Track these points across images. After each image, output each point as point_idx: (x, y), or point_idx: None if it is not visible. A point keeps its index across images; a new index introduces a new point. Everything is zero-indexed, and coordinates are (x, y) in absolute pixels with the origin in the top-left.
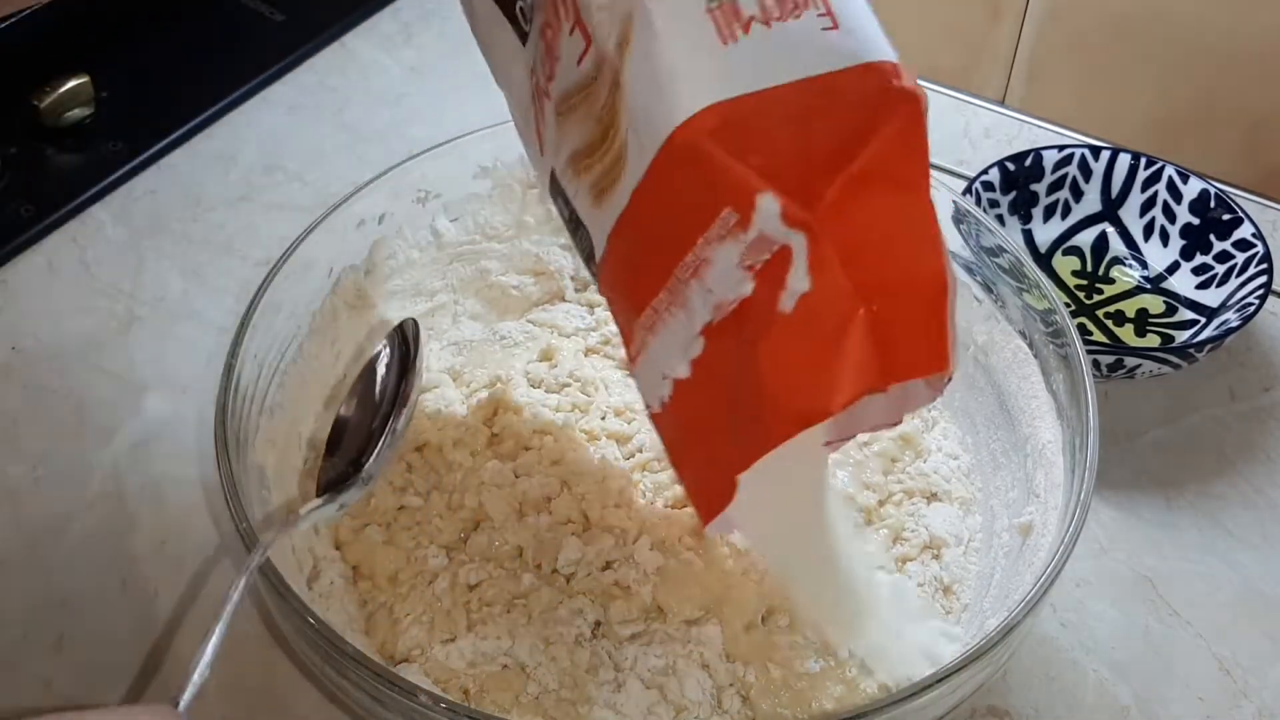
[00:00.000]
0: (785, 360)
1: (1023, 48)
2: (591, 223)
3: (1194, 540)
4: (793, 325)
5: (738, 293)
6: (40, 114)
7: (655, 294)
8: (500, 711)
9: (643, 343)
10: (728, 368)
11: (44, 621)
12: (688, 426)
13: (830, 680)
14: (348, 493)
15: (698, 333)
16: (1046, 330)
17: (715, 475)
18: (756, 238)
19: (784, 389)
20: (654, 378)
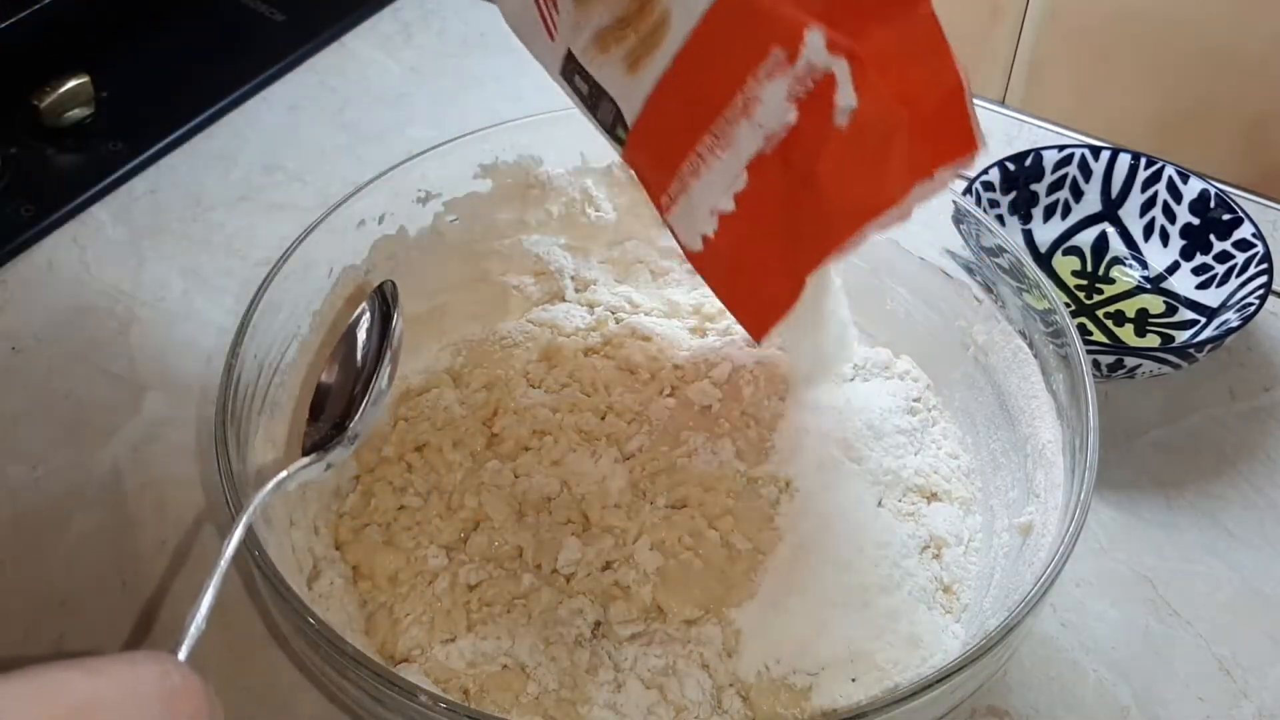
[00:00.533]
0: (845, 167)
1: (1023, 48)
2: (621, 92)
3: (1194, 540)
4: (847, 137)
5: (784, 121)
6: (40, 114)
7: (700, 138)
8: (500, 711)
9: (683, 188)
10: (776, 191)
11: (44, 621)
12: (734, 253)
13: (830, 680)
14: (334, 452)
15: (744, 167)
16: (1046, 330)
17: (775, 284)
18: (803, 68)
19: (845, 191)
20: (697, 217)
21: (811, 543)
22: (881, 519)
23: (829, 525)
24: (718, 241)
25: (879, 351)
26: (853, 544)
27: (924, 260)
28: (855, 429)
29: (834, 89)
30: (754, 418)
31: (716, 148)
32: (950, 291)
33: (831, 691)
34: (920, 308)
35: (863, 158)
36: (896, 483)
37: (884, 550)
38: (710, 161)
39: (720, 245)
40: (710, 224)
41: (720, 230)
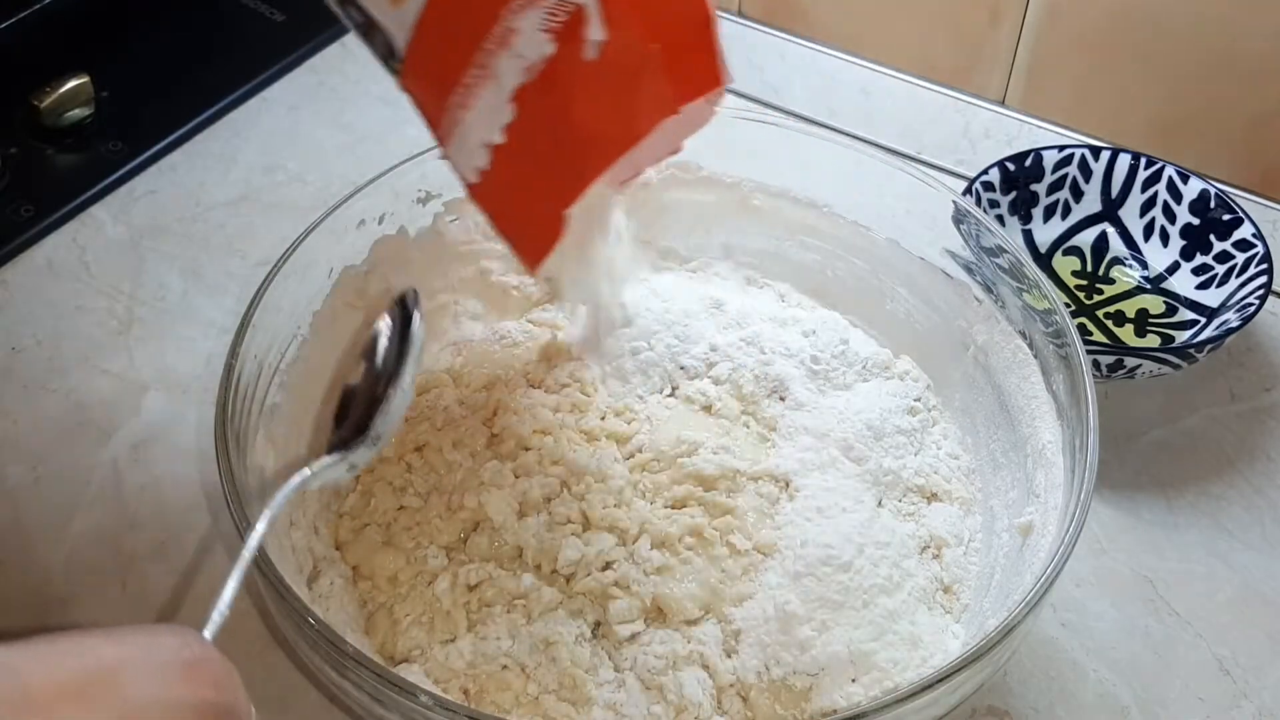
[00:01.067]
0: (595, 100)
1: (1023, 48)
2: (390, 22)
3: (1194, 540)
4: (597, 70)
5: (542, 52)
6: (40, 114)
7: (465, 70)
8: (500, 711)
9: (455, 119)
10: (541, 124)
11: (44, 621)
12: (508, 187)
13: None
14: (357, 452)
15: (509, 99)
16: (1046, 330)
17: (543, 219)
18: (555, 1)
19: (597, 125)
20: (470, 150)
21: (811, 543)
22: (881, 519)
23: (829, 525)
24: (491, 174)
25: (879, 351)
26: (853, 544)
27: (924, 260)
28: (855, 429)
29: (585, 21)
30: (754, 417)
31: (482, 79)
32: (950, 291)
33: (831, 692)
34: (920, 308)
35: (612, 91)
36: (897, 483)
37: (884, 550)
38: (477, 93)
39: (493, 178)
40: (483, 157)
41: (493, 162)
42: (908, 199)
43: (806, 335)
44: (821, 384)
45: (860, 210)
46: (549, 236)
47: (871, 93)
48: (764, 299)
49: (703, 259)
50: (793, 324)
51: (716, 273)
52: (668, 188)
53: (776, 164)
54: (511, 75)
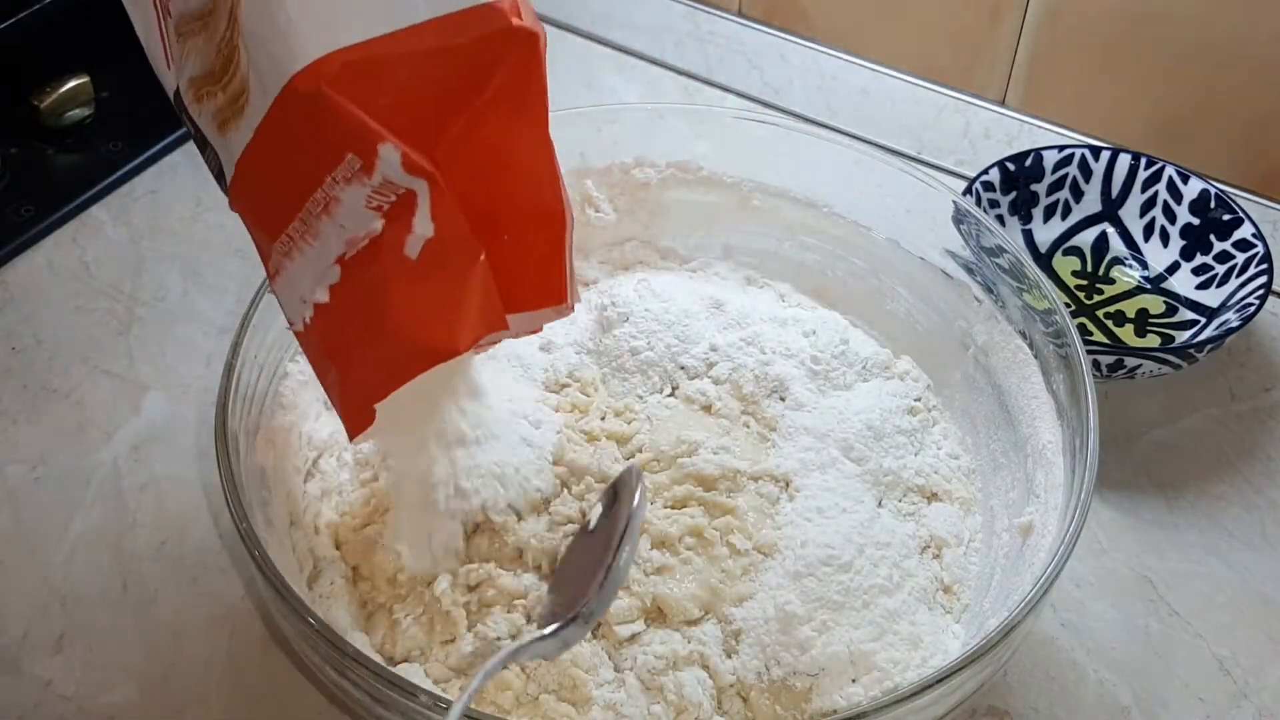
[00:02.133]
0: (414, 302)
1: (1023, 48)
2: (219, 147)
3: (1194, 540)
4: (419, 270)
5: (368, 229)
6: (40, 114)
7: (289, 223)
8: (500, 711)
9: (279, 265)
10: (363, 298)
11: (44, 621)
12: (330, 348)
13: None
14: (569, 630)
15: (333, 262)
16: (1046, 330)
17: (355, 398)
18: (381, 182)
19: (414, 329)
20: (295, 299)
21: (812, 543)
22: (882, 519)
23: (829, 525)
24: (313, 331)
25: (879, 351)
26: (853, 544)
27: (924, 260)
28: (855, 429)
29: (414, 209)
30: (754, 417)
31: (306, 234)
32: (950, 291)
33: (832, 692)
34: (920, 308)
35: (433, 295)
36: (897, 483)
37: (884, 550)
38: (301, 246)
39: (315, 335)
40: (306, 310)
41: (315, 320)
42: (908, 199)
43: (806, 335)
44: (821, 384)
45: (860, 210)
46: (361, 420)
47: (871, 93)
48: (764, 299)
49: (703, 259)
50: (793, 324)
51: (716, 273)
52: (668, 188)
53: (776, 164)
54: (336, 241)
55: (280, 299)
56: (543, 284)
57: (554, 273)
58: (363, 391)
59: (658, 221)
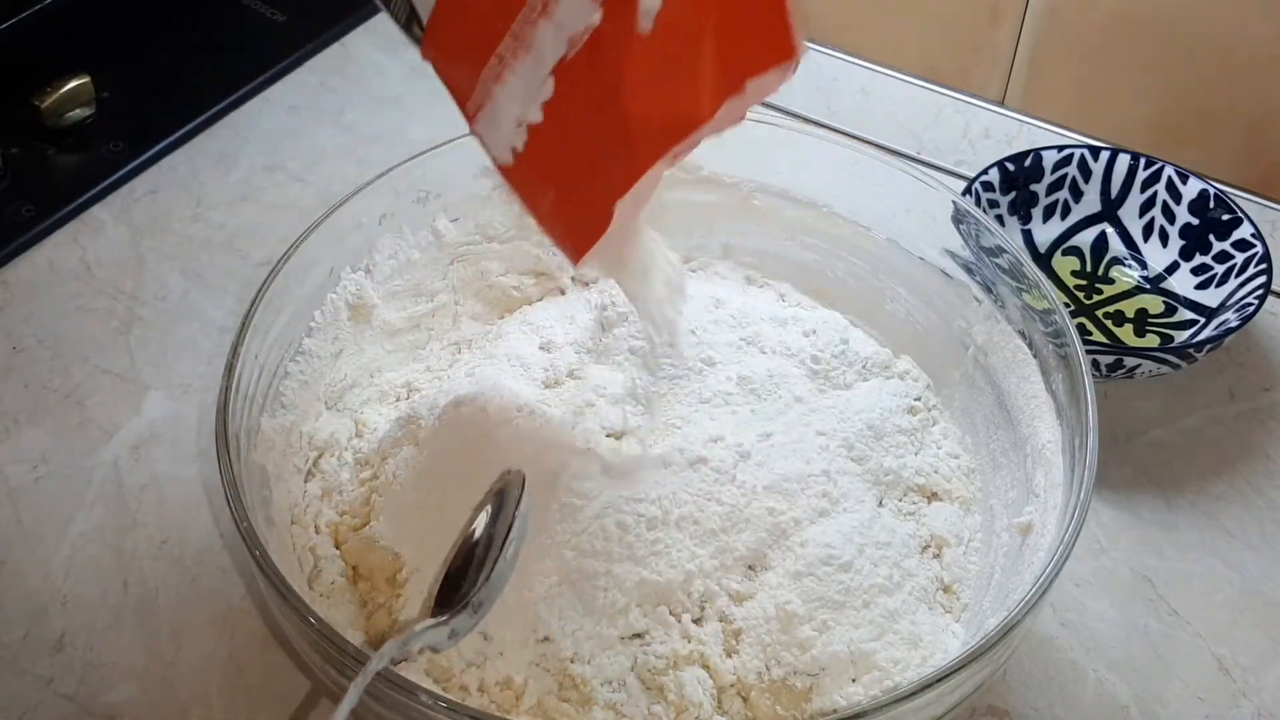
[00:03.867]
0: (647, 80)
1: (1023, 48)
2: None
3: (1194, 540)
4: (649, 45)
5: (588, 22)
6: (41, 114)
7: (499, 40)
8: (500, 711)
9: (486, 93)
10: (585, 101)
11: (44, 621)
12: (546, 171)
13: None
14: (458, 618)
15: (549, 72)
16: (1046, 330)
17: (586, 208)
18: None
19: (651, 108)
20: (504, 128)
21: (812, 542)
22: (882, 519)
23: (830, 525)
24: (528, 156)
25: (879, 351)
26: (853, 544)
27: (924, 260)
28: (856, 429)
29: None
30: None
31: (518, 49)
32: (950, 291)
33: (832, 692)
34: (920, 308)
35: (668, 67)
36: (897, 482)
37: (884, 550)
38: (512, 65)
39: (530, 160)
40: (519, 136)
41: (530, 143)
42: (907, 199)
43: (807, 335)
44: (822, 383)
45: (860, 210)
46: (594, 227)
47: (871, 93)
48: (764, 298)
49: (703, 259)
50: (793, 323)
51: (716, 272)
52: (668, 188)
53: (776, 164)
54: (552, 47)
55: (484, 136)
56: (769, 43)
57: (779, 29)
58: (593, 198)
59: (657, 221)
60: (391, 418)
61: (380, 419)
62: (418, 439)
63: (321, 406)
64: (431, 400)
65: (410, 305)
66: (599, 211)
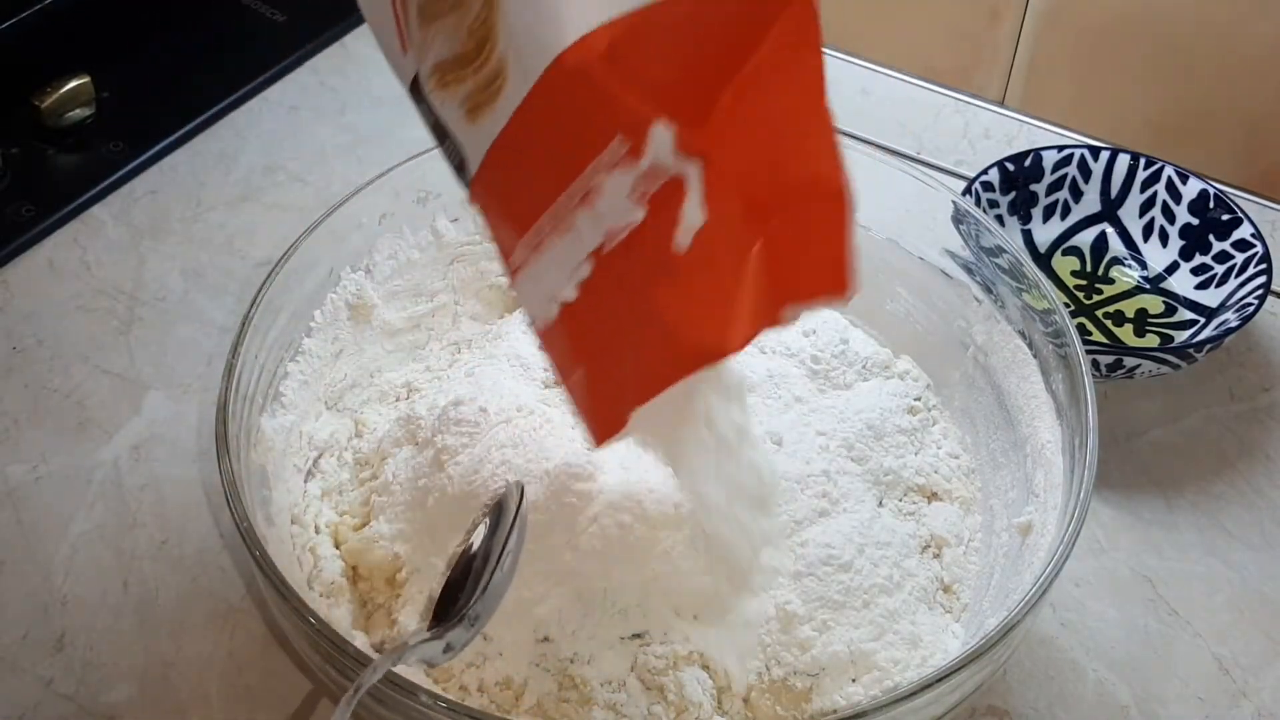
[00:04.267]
0: (682, 297)
1: (1022, 48)
2: (464, 137)
3: (1194, 540)
4: (689, 261)
5: (628, 220)
6: (41, 114)
7: (539, 215)
8: (500, 711)
9: (525, 260)
10: (618, 295)
11: (44, 621)
12: (577, 349)
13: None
14: (453, 632)
15: (586, 257)
16: (1046, 330)
17: (606, 402)
18: (650, 167)
19: (683, 327)
20: (539, 296)
21: (812, 542)
22: (882, 519)
23: (830, 525)
24: (560, 328)
25: (879, 351)
26: (853, 544)
27: (924, 260)
28: (856, 429)
29: (683, 196)
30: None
31: (559, 227)
32: (950, 291)
33: (832, 692)
34: (920, 308)
35: (704, 289)
36: (897, 482)
37: (884, 550)
38: (552, 240)
39: (562, 333)
40: (552, 309)
41: (562, 317)
42: (907, 199)
43: (806, 335)
44: (821, 383)
45: (860, 210)
46: (612, 425)
47: (871, 93)
48: None
49: None
50: None
51: None
52: None
53: None
54: (591, 234)
55: (522, 297)
56: (820, 272)
57: (834, 258)
58: (615, 395)
59: None
60: (391, 418)
61: (380, 419)
62: (417, 439)
63: (321, 406)
64: (431, 400)
65: (410, 305)
66: (617, 413)
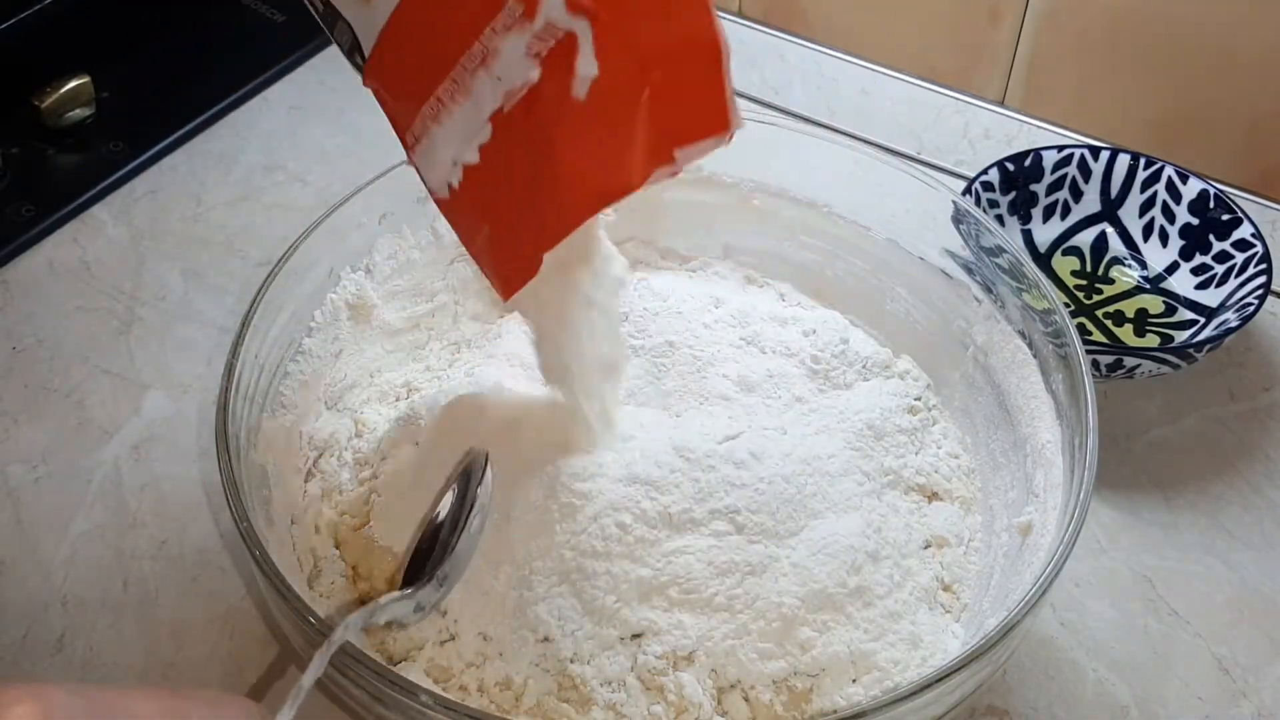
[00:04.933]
0: (581, 142)
1: (1022, 48)
2: (356, 17)
3: (1193, 540)
4: (585, 110)
5: (525, 79)
6: (41, 114)
7: (439, 83)
8: (500, 711)
9: (424, 129)
10: (520, 152)
11: (44, 621)
12: (480, 210)
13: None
14: (423, 592)
15: (486, 119)
16: (1046, 330)
17: (515, 253)
18: (543, 26)
19: (583, 170)
20: (441, 164)
21: (812, 543)
22: (882, 519)
23: (830, 525)
24: (463, 193)
25: (879, 351)
26: (854, 544)
27: (924, 260)
28: (856, 428)
29: (576, 52)
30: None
31: (456, 94)
32: (950, 291)
33: (832, 692)
34: (920, 308)
35: (601, 133)
36: (897, 482)
37: (885, 550)
38: (450, 108)
39: (465, 198)
40: (455, 174)
41: (465, 181)
42: (907, 199)
43: (807, 334)
44: (822, 383)
45: (860, 210)
46: (523, 272)
47: (871, 93)
48: (764, 298)
49: (703, 259)
50: (793, 323)
51: (716, 272)
52: (668, 188)
53: (776, 164)
54: (491, 96)
55: (421, 169)
56: (703, 114)
57: (714, 100)
58: (525, 244)
59: (657, 221)
60: (391, 418)
61: (380, 419)
62: (418, 439)
63: (321, 406)
64: (431, 400)
65: (410, 305)
66: (528, 258)
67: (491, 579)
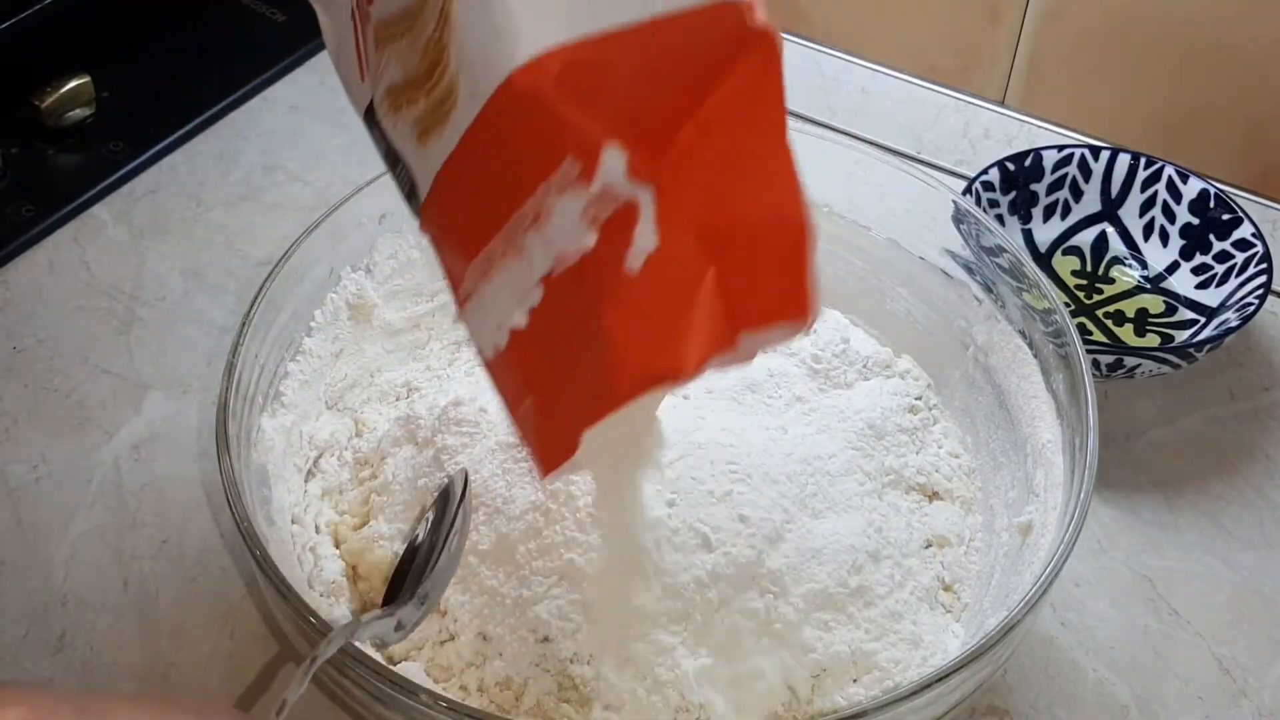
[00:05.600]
0: (632, 320)
1: (1022, 48)
2: (415, 160)
3: (1194, 540)
4: (640, 285)
5: (580, 244)
6: (41, 114)
7: (489, 240)
8: (500, 711)
9: (474, 288)
10: (569, 321)
11: (44, 621)
12: (524, 376)
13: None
14: (404, 610)
15: (536, 282)
16: (1046, 330)
17: (555, 429)
18: (601, 191)
19: (632, 350)
20: (488, 325)
21: (813, 543)
22: (883, 518)
23: (831, 525)
24: (507, 357)
25: (880, 351)
26: (855, 544)
27: (924, 260)
28: (856, 428)
29: (635, 221)
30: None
31: (509, 252)
32: (950, 291)
33: (833, 692)
34: (920, 308)
35: (655, 312)
36: (898, 482)
37: (886, 550)
38: (500, 266)
39: (510, 362)
40: (500, 336)
41: (511, 346)
42: (908, 199)
43: (807, 334)
44: (822, 382)
45: (860, 210)
46: (561, 451)
47: (871, 93)
48: None
49: None
50: None
51: None
52: None
53: None
54: (543, 258)
55: (469, 327)
56: (779, 298)
57: (792, 286)
58: (563, 421)
59: None
60: (391, 417)
61: (380, 419)
62: (417, 439)
63: (321, 406)
64: (431, 400)
65: (410, 305)
66: (567, 438)
67: (492, 579)
